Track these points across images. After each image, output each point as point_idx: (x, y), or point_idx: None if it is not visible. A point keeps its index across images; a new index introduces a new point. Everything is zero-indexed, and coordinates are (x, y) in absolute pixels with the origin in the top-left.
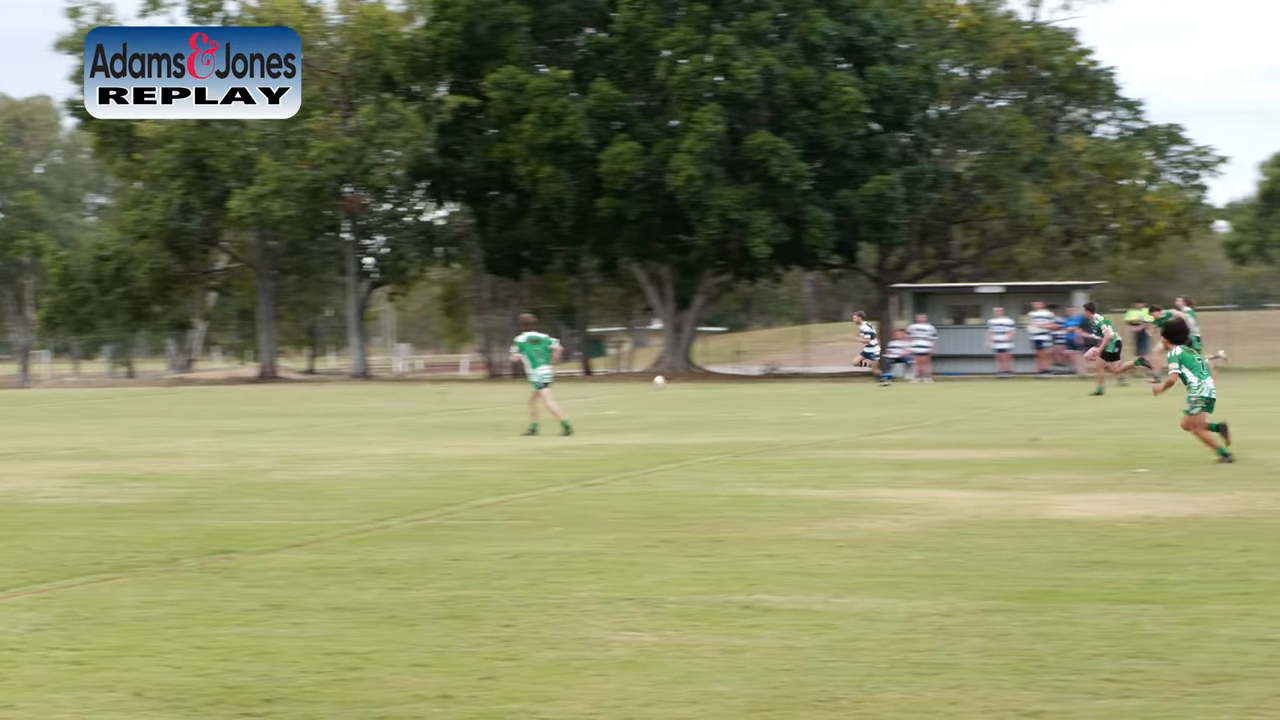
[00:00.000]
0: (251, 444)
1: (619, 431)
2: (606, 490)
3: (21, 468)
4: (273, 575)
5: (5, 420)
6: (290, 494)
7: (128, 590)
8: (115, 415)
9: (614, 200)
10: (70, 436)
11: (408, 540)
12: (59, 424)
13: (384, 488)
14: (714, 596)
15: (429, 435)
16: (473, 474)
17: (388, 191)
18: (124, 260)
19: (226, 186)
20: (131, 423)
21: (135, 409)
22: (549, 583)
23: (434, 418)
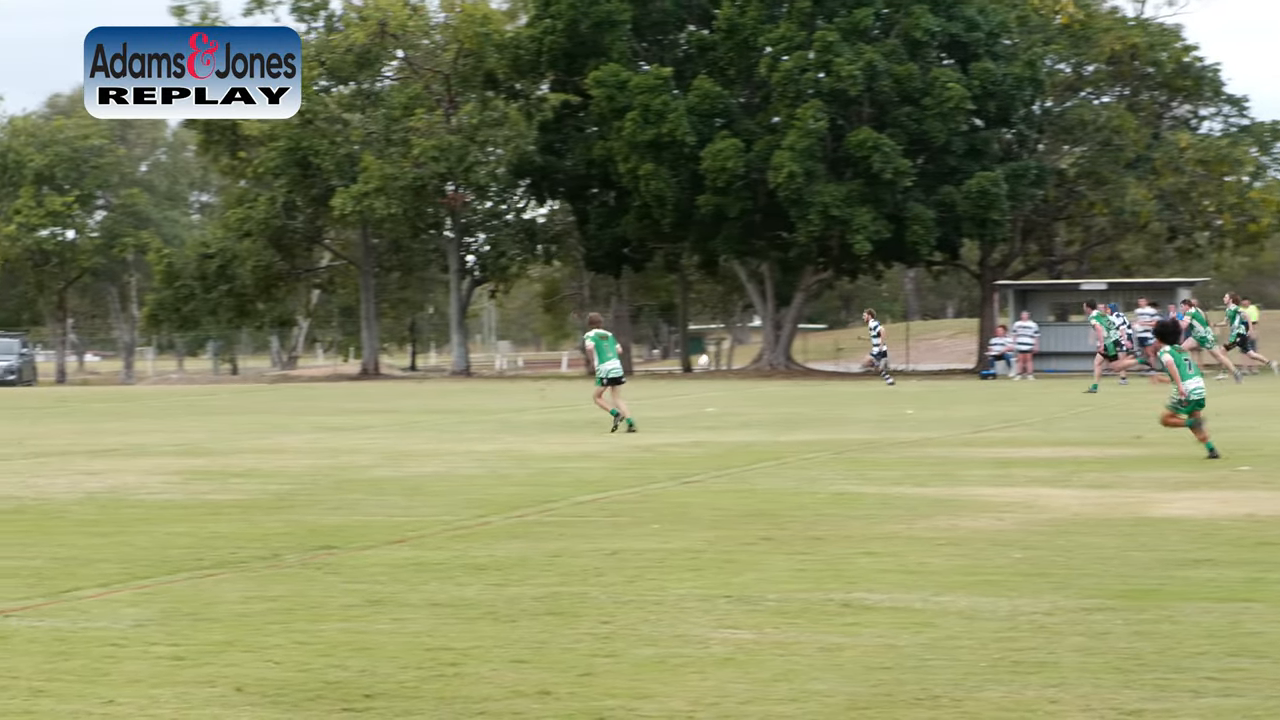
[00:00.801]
0: (353, 440)
1: (718, 429)
2: (705, 487)
3: (126, 464)
4: (374, 571)
5: (110, 417)
6: (391, 490)
7: (230, 586)
8: (219, 412)
9: (715, 197)
10: (174, 433)
11: (507, 537)
12: (163, 420)
13: (484, 484)
14: (813, 594)
15: (529, 432)
16: (572, 471)
17: (489, 189)
18: (228, 258)
19: (330, 184)
20: (235, 419)
21: (238, 405)
22: (647, 580)
23: (534, 415)
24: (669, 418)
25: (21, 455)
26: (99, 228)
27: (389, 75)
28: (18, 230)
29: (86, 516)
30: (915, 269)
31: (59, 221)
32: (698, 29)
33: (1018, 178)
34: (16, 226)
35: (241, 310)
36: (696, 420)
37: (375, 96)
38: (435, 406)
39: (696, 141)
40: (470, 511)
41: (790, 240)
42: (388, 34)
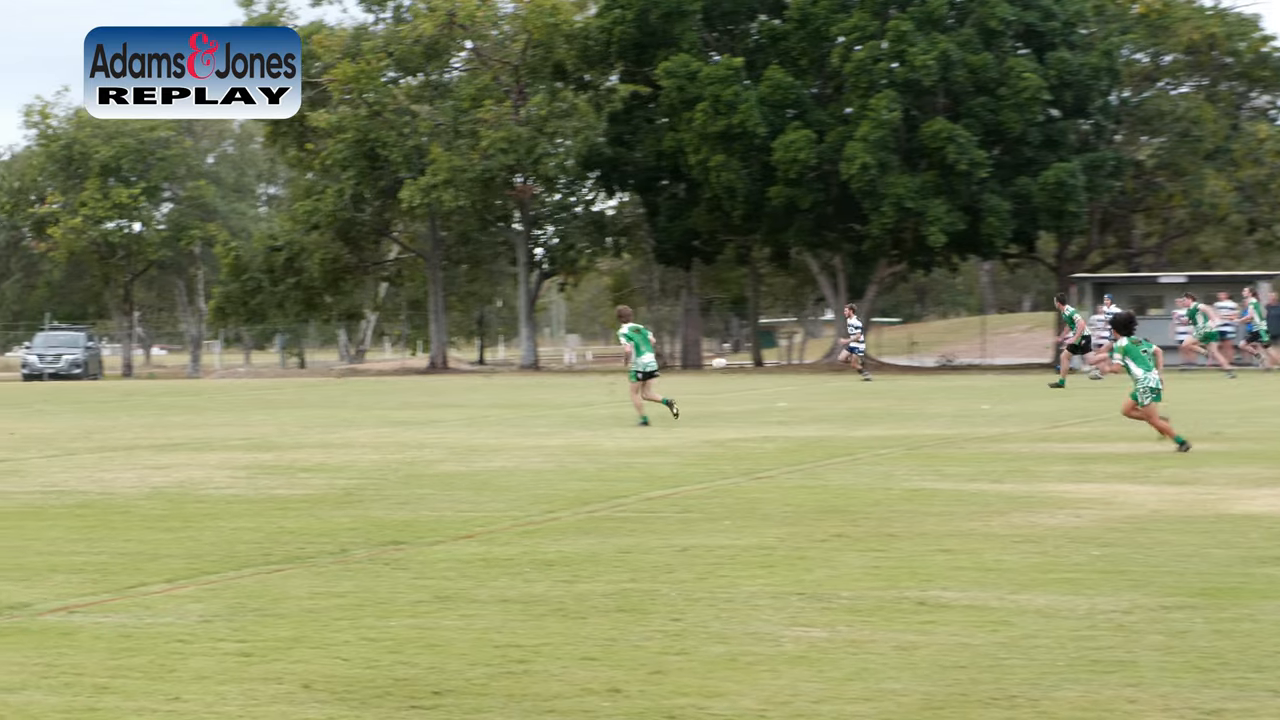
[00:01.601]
0: (421, 435)
1: (790, 424)
2: (777, 483)
3: (192, 458)
4: (442, 567)
5: (176, 410)
6: (460, 485)
7: (297, 581)
8: (286, 406)
9: (786, 189)
10: (241, 427)
11: (577, 532)
12: (230, 414)
13: (553, 479)
14: (887, 592)
15: (598, 427)
16: (642, 466)
17: (558, 181)
18: (296, 250)
19: (398, 177)
20: (302, 413)
21: (306, 399)
22: (719, 576)
23: (603, 409)
24: (740, 412)
25: (87, 449)
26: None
27: (457, 66)
28: (84, 223)
29: (153, 511)
30: (991, 261)
31: (125, 214)
32: (769, 18)
33: (1095, 169)
34: (82, 219)
35: (309, 303)
36: (768, 415)
37: (443, 88)
38: (503, 401)
39: (768, 132)
40: (539, 507)
41: (863, 232)
42: (456, 25)
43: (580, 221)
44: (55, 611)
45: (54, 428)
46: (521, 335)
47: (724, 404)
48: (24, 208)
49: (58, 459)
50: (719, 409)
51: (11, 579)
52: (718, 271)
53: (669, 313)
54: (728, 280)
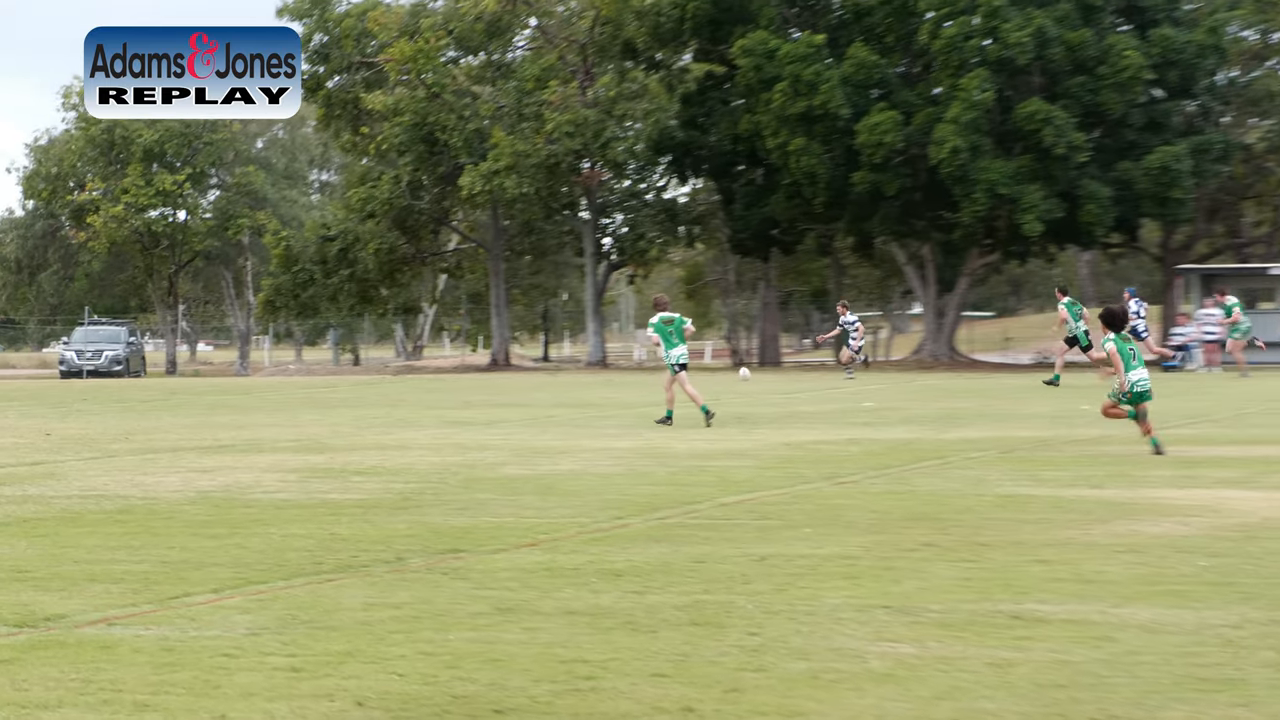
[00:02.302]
0: (482, 436)
1: (875, 425)
2: (862, 488)
3: (240, 461)
4: (504, 576)
5: (223, 410)
6: (523, 489)
7: (351, 592)
8: (339, 405)
9: (871, 174)
10: (291, 428)
11: (647, 540)
12: (280, 414)
13: (622, 484)
14: (980, 605)
15: (670, 428)
16: (717, 469)
17: (628, 167)
18: (349, 240)
19: (458, 162)
20: (356, 413)
21: (360, 398)
22: (799, 588)
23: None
24: (822, 413)
25: (129, 451)
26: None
27: (521, 45)
28: (125, 211)
29: (197, 517)
30: (1090, 252)
31: (169, 201)
32: None
33: (1201, 153)
34: (124, 207)
35: (364, 296)
36: (852, 415)
37: (506, 68)
38: (569, 400)
39: (851, 114)
40: (607, 513)
41: (953, 220)
42: (520, 1)
43: (651, 209)
44: (94, 624)
45: (93, 428)
46: (588, 330)
47: (804, 403)
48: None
49: (97, 461)
50: (798, 409)
51: (48, 589)
52: (797, 262)
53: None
54: (808, 272)
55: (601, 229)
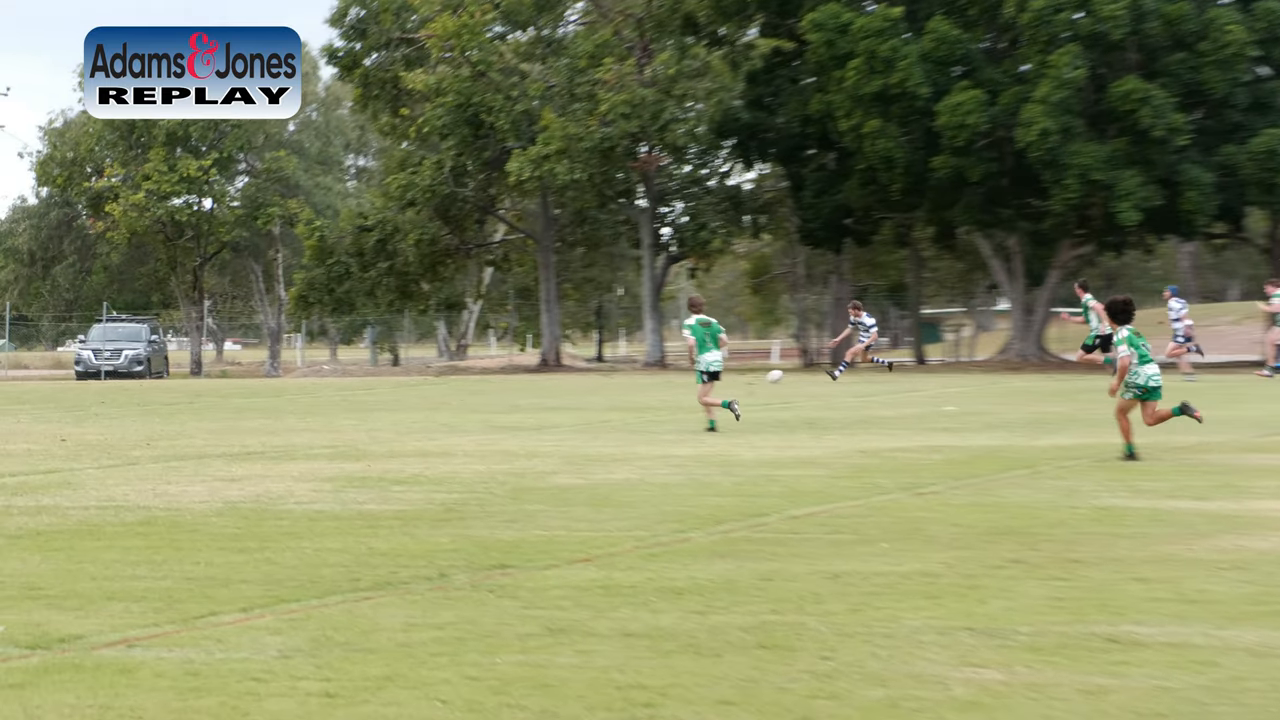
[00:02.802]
0: (532, 442)
1: (958, 430)
2: (944, 500)
3: (270, 469)
4: (555, 595)
5: (252, 414)
6: (576, 500)
7: (390, 611)
8: (377, 408)
9: (953, 158)
10: (326, 433)
11: (711, 556)
12: (313, 418)
13: (683, 494)
14: (1072, 627)
15: (735, 433)
16: (786, 479)
17: (689, 151)
18: (388, 231)
19: (505, 146)
20: (396, 417)
21: (400, 401)
22: (875, 608)
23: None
24: (899, 417)
25: (151, 458)
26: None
27: (573, 20)
28: (147, 199)
29: (225, 530)
30: (1191, 243)
31: (194, 189)
32: None
33: None
34: (145, 194)
35: (404, 291)
36: (932, 420)
37: (557, 44)
38: (625, 403)
39: (931, 93)
40: (667, 526)
41: (1043, 209)
42: None
43: (713, 197)
44: (113, 645)
45: (112, 434)
46: (645, 328)
47: (881, 407)
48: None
49: (116, 469)
50: (875, 413)
51: (64, 608)
52: (873, 254)
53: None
54: (884, 265)
55: (660, 218)
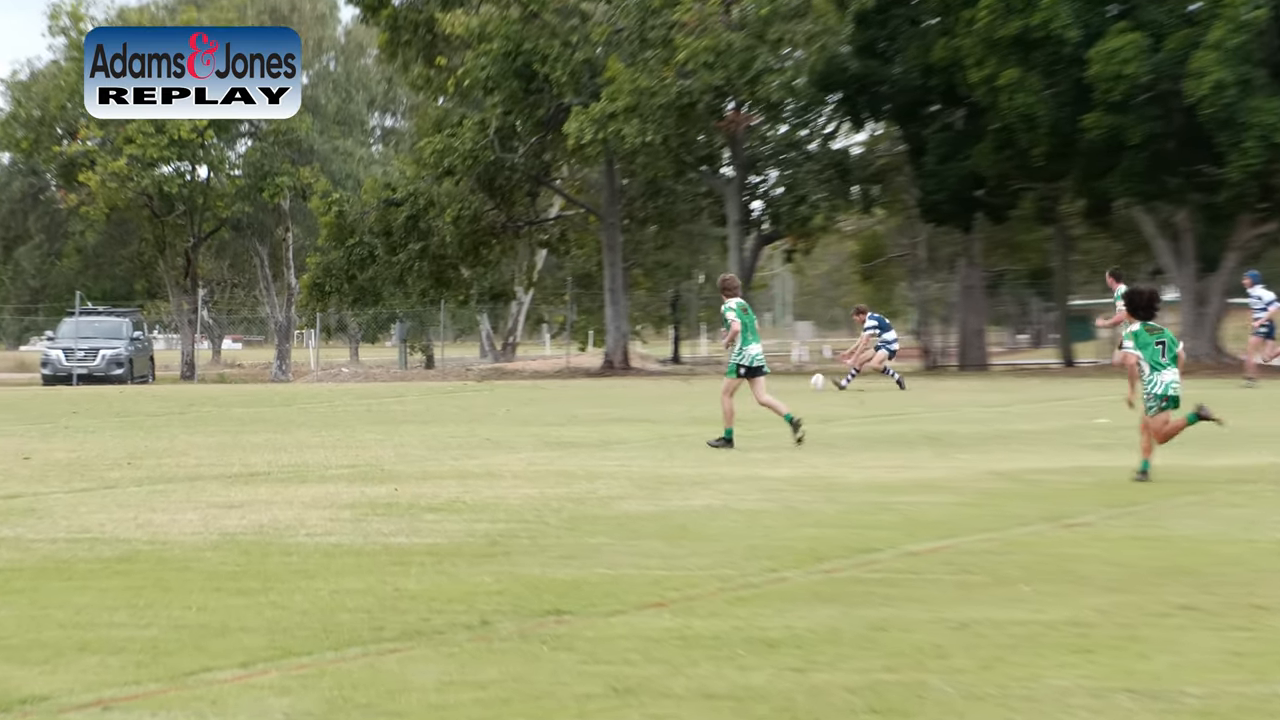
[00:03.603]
0: (593, 461)
1: (1113, 448)
2: (1097, 532)
3: (278, 493)
4: (622, 646)
5: (256, 426)
6: (647, 531)
7: (421, 666)
8: (407, 420)
9: (1108, 116)
10: (345, 450)
11: (810, 600)
12: (330, 431)
13: (776, 524)
14: (1253, 688)
15: (840, 450)
16: (902, 506)
17: (785, 108)
18: (421, 205)
19: (562, 103)
20: (430, 431)
21: (435, 411)
22: (1012, 664)
23: (847, 425)
24: (1041, 431)
25: (132, 480)
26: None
27: None
28: (130, 166)
29: (222, 567)
30: None
31: (187, 154)
32: None
33: None
34: (128, 160)
35: (439, 278)
36: (1082, 435)
37: None
38: (706, 413)
39: (1081, 38)
40: (757, 563)
41: (1218, 177)
42: None
43: (815, 164)
44: (85, 707)
45: (87, 450)
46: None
47: (1019, 419)
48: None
49: (91, 494)
50: (1011, 426)
51: (27, 661)
52: (1010, 233)
53: (940, 291)
54: (1024, 246)
55: (750, 190)
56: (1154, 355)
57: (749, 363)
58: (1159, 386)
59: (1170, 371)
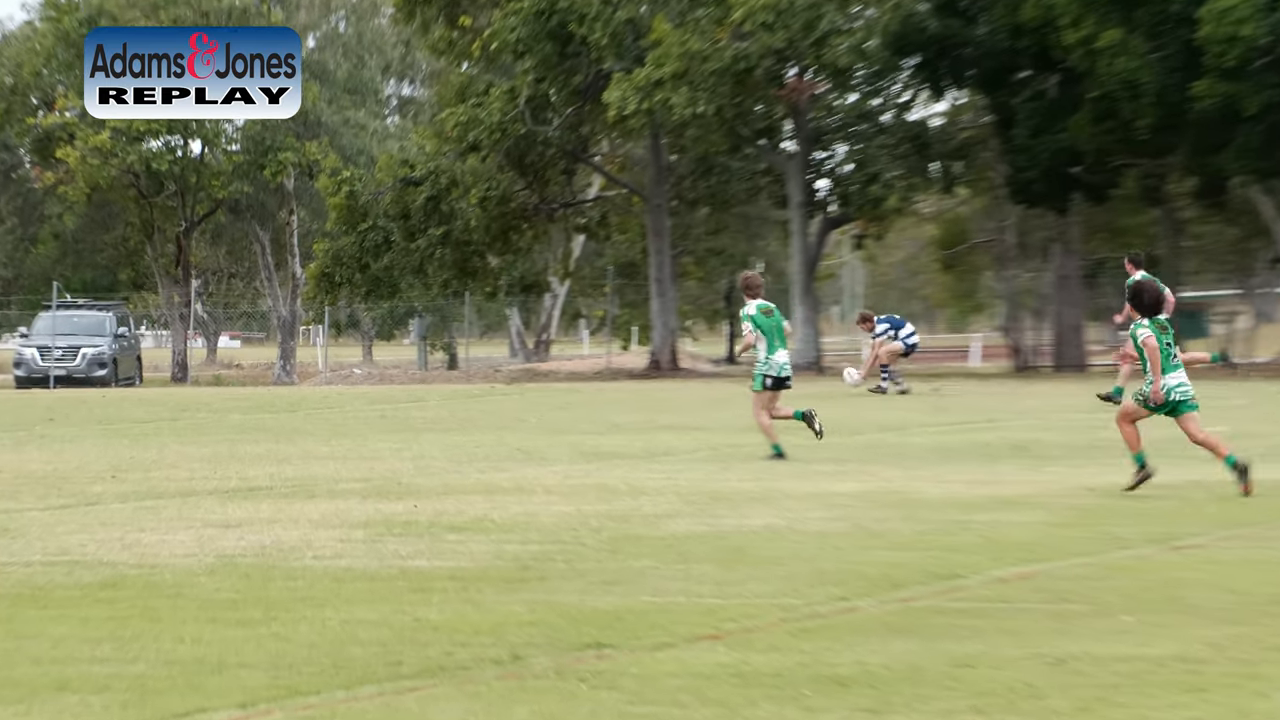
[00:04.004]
0: (638, 474)
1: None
2: (1209, 555)
3: (282, 510)
4: (671, 685)
5: (257, 435)
6: (698, 554)
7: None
8: (428, 428)
9: (1221, 84)
10: (358, 461)
11: (885, 632)
12: (340, 441)
13: (845, 546)
14: None
15: (915, 461)
16: (986, 525)
17: (855, 74)
18: (443, 185)
19: (602, 69)
20: (453, 439)
21: (459, 418)
22: (1116, 705)
23: (924, 434)
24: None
25: (117, 496)
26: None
27: None
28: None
29: (219, 594)
30: None
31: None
32: None
33: None
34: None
35: (464, 268)
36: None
37: None
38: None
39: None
40: (824, 590)
41: None
42: None
43: (889, 137)
44: None
45: (65, 462)
46: (795, 318)
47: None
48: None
49: (70, 511)
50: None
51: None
52: (1111, 216)
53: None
54: (1128, 230)
55: (815, 167)
56: (1167, 357)
57: (776, 373)
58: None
59: (1179, 373)
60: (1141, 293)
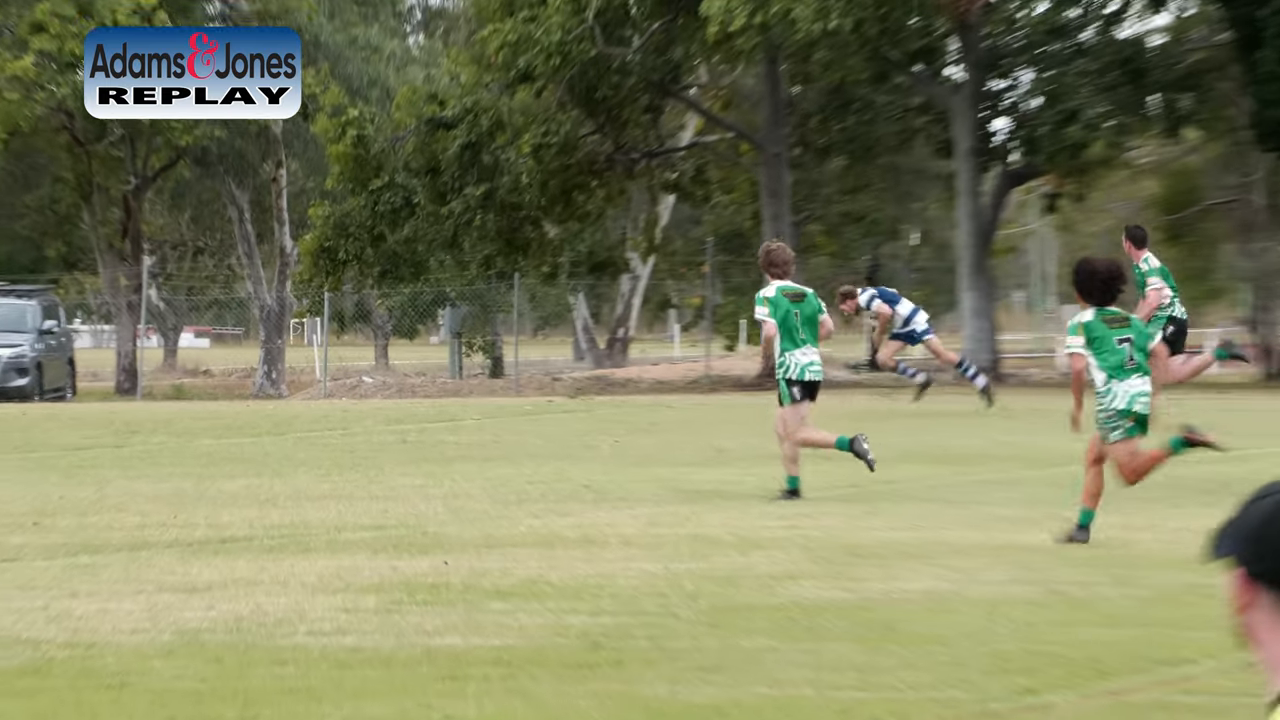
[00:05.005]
0: (749, 520)
1: None
2: None
3: (265, 569)
4: None
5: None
6: (832, 630)
7: None
8: (462, 456)
9: None
10: (369, 502)
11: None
12: (345, 474)
13: (1035, 620)
14: None
15: (1130, 504)
16: (1220, 591)
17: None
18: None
19: None
20: (497, 472)
21: (505, 442)
22: None
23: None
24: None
25: (42, 550)
26: None
27: None
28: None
29: (178, 683)
30: None
31: None
32: None
33: None
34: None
35: (511, 240)
36: None
37: None
38: (923, 447)
39: None
40: (1004, 680)
41: None
42: None
43: (1093, 61)
44: None
45: None
46: (963, 305)
47: None
48: None
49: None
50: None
51: None
52: None
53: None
54: None
55: (991, 102)
56: (1114, 356)
57: (799, 376)
58: (1119, 399)
59: (1136, 379)
60: (1091, 273)
